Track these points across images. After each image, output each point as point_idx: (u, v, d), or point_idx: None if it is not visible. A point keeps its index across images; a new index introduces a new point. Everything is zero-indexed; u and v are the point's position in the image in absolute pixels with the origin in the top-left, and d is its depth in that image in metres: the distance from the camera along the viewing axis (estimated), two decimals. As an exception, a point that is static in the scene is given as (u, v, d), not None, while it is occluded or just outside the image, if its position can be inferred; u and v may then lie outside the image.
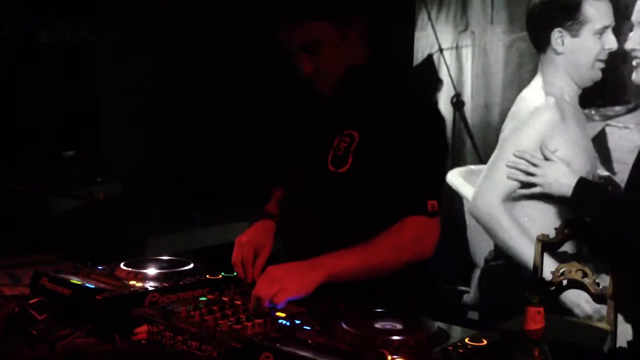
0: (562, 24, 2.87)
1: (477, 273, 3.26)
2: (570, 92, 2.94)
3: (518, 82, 3.08)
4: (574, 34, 2.83)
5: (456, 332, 1.15)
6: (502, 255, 3.17)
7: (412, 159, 1.43)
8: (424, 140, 1.45)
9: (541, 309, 0.88)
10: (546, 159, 2.99)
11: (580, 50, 2.85)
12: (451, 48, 3.26)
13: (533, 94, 3.04)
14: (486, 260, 3.24)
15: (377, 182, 1.44)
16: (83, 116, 3.44)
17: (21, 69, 3.24)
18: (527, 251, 3.05)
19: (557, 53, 2.91)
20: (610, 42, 2.77)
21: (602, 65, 2.81)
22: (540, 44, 2.98)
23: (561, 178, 2.94)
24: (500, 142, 3.14)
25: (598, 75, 2.83)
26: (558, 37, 2.86)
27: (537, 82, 3.03)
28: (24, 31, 3.16)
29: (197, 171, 3.98)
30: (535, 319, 0.87)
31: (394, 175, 1.42)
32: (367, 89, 1.53)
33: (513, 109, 3.11)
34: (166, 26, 4.08)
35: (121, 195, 3.21)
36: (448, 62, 3.28)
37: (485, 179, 3.18)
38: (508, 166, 3.03)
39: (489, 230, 3.19)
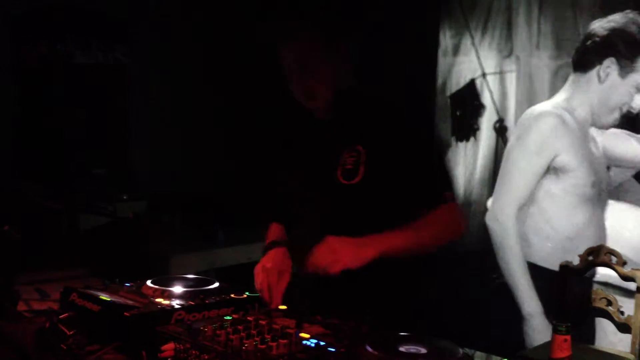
0: (618, 57, 2.80)
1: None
2: (583, 114, 2.92)
3: (564, 107, 3.07)
4: (622, 74, 2.78)
5: (481, 357, 1.15)
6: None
7: (420, 163, 1.59)
8: (422, 145, 1.65)
9: (568, 337, 0.89)
10: (552, 167, 3.01)
11: (616, 90, 2.81)
12: (495, 73, 3.24)
13: (542, 105, 3.05)
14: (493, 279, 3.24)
15: (391, 188, 1.57)
16: (112, 135, 3.51)
17: (55, 87, 3.33)
18: (522, 283, 3.09)
19: (599, 80, 2.86)
20: None
21: (618, 113, 2.81)
22: (585, 62, 2.92)
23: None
24: (506, 154, 3.15)
25: (616, 119, 2.82)
26: (607, 67, 2.81)
27: (555, 98, 3.02)
28: (59, 51, 3.25)
29: (220, 191, 4.02)
30: (562, 347, 0.88)
31: (407, 180, 1.57)
32: (359, 108, 1.65)
33: (519, 120, 3.14)
34: (194, 50, 4.17)
35: (146, 214, 3.26)
36: (491, 87, 3.26)
37: (498, 190, 3.20)
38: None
39: (497, 247, 3.19)
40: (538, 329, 3.11)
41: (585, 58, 2.93)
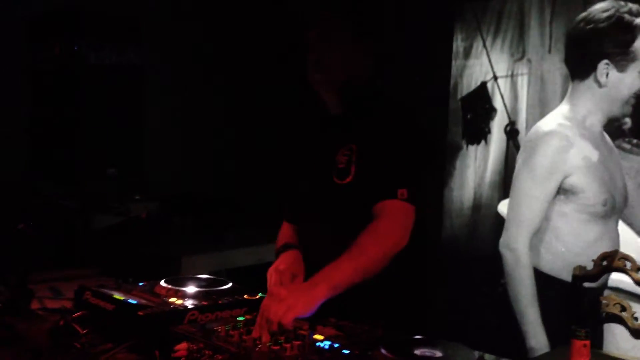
0: (610, 57, 2.80)
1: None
2: (593, 120, 2.89)
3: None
4: (620, 69, 2.77)
5: (496, 362, 1.14)
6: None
7: (385, 155, 1.52)
8: (397, 140, 1.55)
9: (587, 343, 0.88)
10: (562, 188, 2.97)
11: (623, 84, 2.79)
12: (506, 76, 3.23)
13: (547, 121, 3.02)
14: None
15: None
16: (125, 135, 3.52)
17: (69, 89, 3.35)
18: (530, 317, 3.03)
19: (600, 85, 2.85)
20: None
21: (634, 101, 2.77)
22: (579, 71, 2.92)
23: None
24: (514, 177, 3.09)
25: (629, 110, 2.79)
26: (604, 69, 2.80)
27: (559, 110, 2.99)
28: (74, 53, 3.27)
29: (232, 192, 4.03)
30: (581, 353, 0.87)
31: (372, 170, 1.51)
32: (365, 106, 1.62)
33: (526, 138, 3.10)
34: (208, 51, 4.18)
35: (158, 214, 3.27)
36: (502, 90, 3.24)
37: (509, 217, 3.13)
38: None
39: (508, 275, 3.11)
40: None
41: (578, 67, 2.91)
